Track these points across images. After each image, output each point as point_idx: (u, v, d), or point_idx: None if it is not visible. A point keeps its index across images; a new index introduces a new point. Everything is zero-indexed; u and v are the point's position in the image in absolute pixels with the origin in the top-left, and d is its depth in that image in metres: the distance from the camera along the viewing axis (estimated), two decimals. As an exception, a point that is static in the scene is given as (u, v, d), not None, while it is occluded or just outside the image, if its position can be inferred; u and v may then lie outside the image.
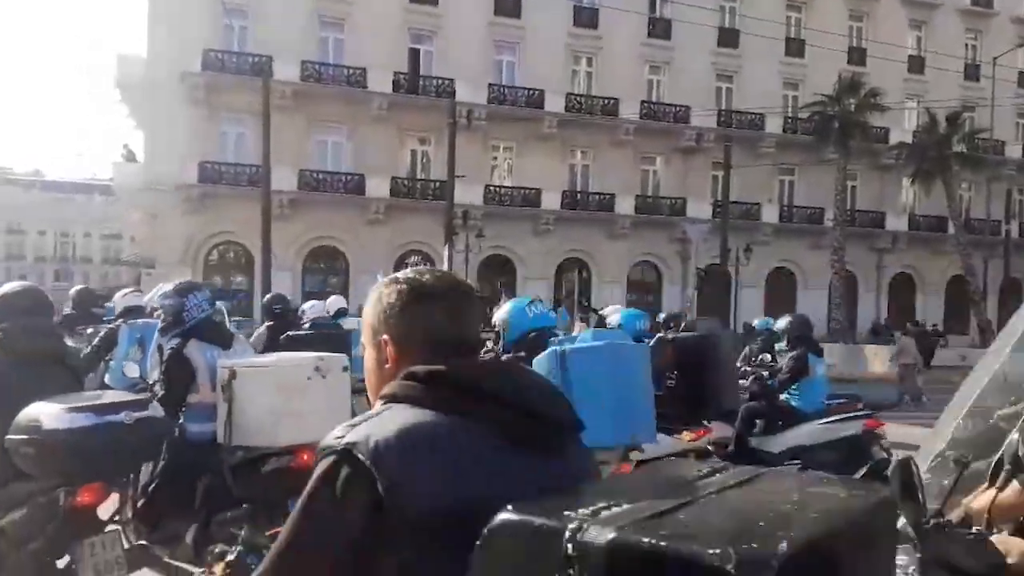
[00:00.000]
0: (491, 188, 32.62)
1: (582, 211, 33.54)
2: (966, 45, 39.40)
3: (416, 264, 32.73)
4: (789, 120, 35.96)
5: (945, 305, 37.57)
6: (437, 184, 30.26)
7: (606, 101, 33.62)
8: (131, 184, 31.12)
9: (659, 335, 7.35)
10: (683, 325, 10.94)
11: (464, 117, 28.50)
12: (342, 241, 31.46)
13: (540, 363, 3.95)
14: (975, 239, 33.91)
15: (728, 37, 35.67)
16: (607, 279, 34.10)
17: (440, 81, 31.47)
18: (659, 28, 34.91)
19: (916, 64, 38.34)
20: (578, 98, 33.63)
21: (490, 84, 32.43)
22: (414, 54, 32.24)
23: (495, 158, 33.80)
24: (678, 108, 34.53)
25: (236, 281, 31.02)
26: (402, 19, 31.89)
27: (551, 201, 33.00)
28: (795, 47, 36.59)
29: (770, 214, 35.71)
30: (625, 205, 33.86)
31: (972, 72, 38.55)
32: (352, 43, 31.30)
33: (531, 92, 32.64)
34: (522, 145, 33.30)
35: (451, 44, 32.12)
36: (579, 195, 33.98)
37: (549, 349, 4.25)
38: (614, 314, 8.08)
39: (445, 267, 25.49)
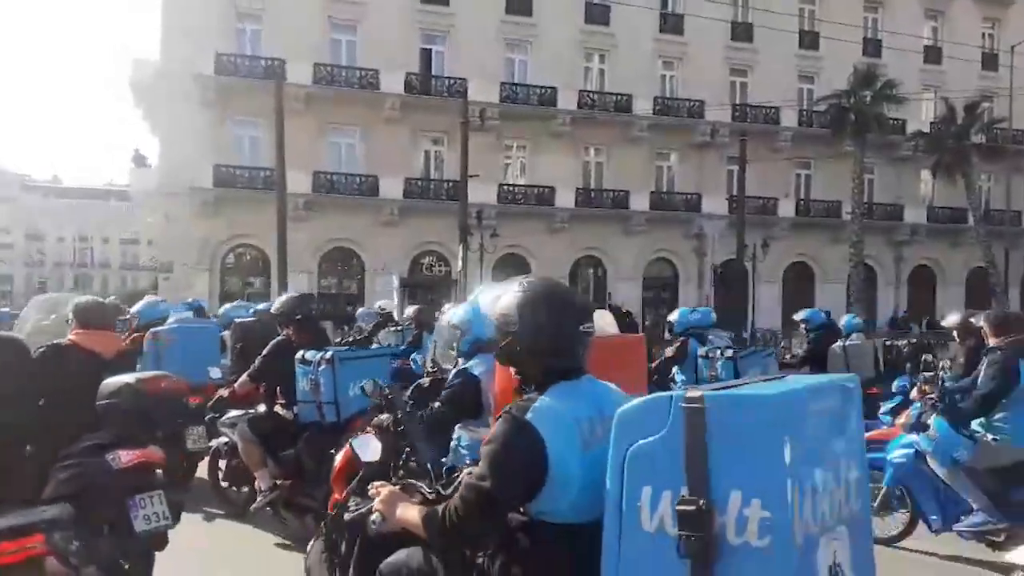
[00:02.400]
0: (505, 187, 32.57)
1: (596, 209, 33.42)
2: (983, 34, 38.95)
3: (430, 265, 33.03)
4: (804, 113, 35.67)
5: (966, 297, 37.12)
6: (451, 184, 30.25)
7: (619, 97, 33.48)
8: (147, 188, 31.37)
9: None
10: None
11: (477, 116, 28.46)
12: (357, 243, 31.52)
13: None
14: (995, 230, 33.51)
15: (741, 31, 35.43)
16: (623, 276, 33.98)
17: (452, 81, 31.46)
18: (671, 23, 34.73)
19: (933, 54, 37.94)
20: (591, 95, 33.50)
21: (502, 83, 32.38)
22: (426, 54, 32.25)
23: (508, 157, 33.74)
24: (692, 103, 34.34)
25: (253, 284, 31.14)
26: (413, 20, 31.90)
27: (565, 199, 32.91)
28: (809, 40, 36.29)
29: (786, 208, 35.45)
30: (640, 202, 33.71)
31: (989, 61, 38.10)
32: (364, 45, 31.34)
33: (544, 90, 32.55)
34: (535, 143, 33.22)
35: (463, 44, 32.09)
36: (593, 192, 33.86)
37: None
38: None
39: (459, 267, 25.51)
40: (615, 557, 2.03)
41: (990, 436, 5.42)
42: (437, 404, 4.12)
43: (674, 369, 8.55)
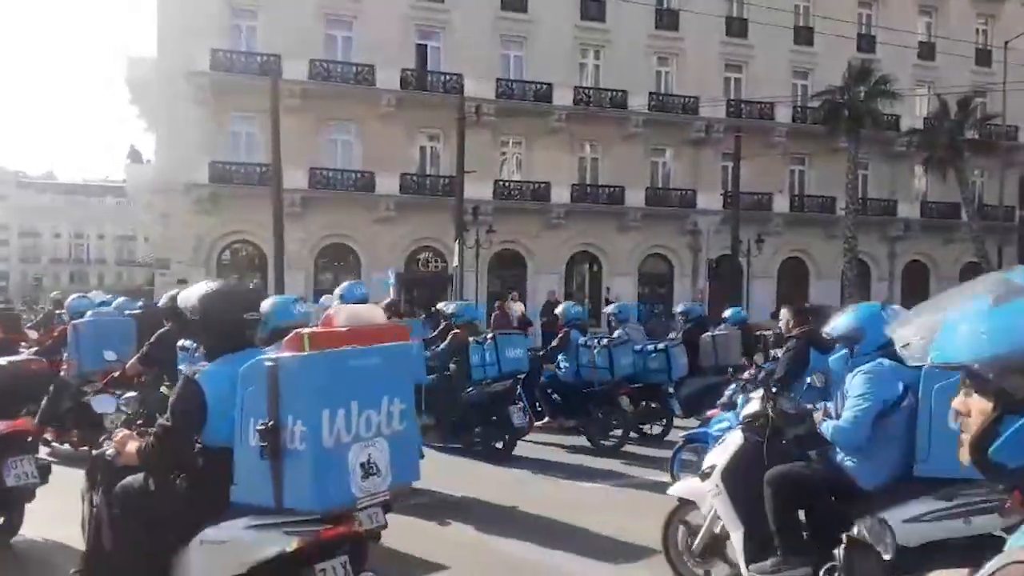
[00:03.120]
0: (501, 183, 32.64)
1: (592, 204, 33.52)
2: (977, 30, 39.09)
3: (427, 261, 33.08)
4: (799, 109, 35.79)
5: (959, 293, 37.33)
6: (447, 180, 30.32)
7: (614, 94, 33.57)
8: (143, 185, 31.37)
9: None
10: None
11: (473, 112, 28.51)
12: (353, 239, 31.58)
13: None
14: (988, 225, 33.68)
15: (736, 26, 35.52)
16: (618, 272, 34.10)
17: (448, 77, 31.51)
18: (666, 19, 34.81)
19: (926, 50, 38.08)
20: (586, 91, 33.58)
21: (498, 79, 32.43)
22: (422, 50, 32.30)
23: (504, 153, 33.82)
24: (687, 99, 34.44)
25: (250, 280, 31.18)
26: (409, 16, 31.93)
27: (561, 195, 33.01)
28: (804, 35, 36.41)
29: (781, 204, 35.59)
30: (635, 197, 33.82)
31: (983, 57, 38.24)
32: (360, 41, 31.37)
33: (539, 86, 32.63)
34: (531, 139, 33.30)
35: (458, 40, 32.14)
36: (589, 188, 33.96)
37: None
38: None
39: (456, 263, 25.60)
40: (239, 463, 3.21)
41: None
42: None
43: (559, 356, 9.90)
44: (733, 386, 6.75)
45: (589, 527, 6.31)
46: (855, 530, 3.88)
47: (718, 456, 4.77)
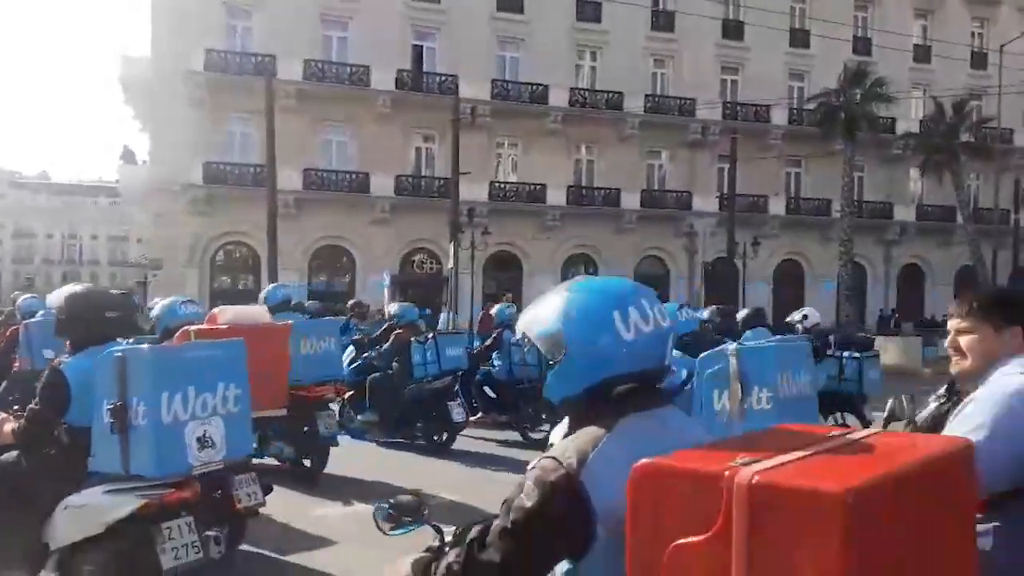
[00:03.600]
0: (496, 185, 32.55)
1: (588, 206, 33.45)
2: (972, 33, 39.15)
3: (422, 263, 32.99)
4: (795, 112, 35.79)
5: (954, 296, 37.30)
6: (442, 182, 30.22)
7: (610, 95, 33.51)
8: (136, 185, 31.19)
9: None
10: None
11: (468, 114, 28.43)
12: (348, 240, 31.45)
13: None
14: (984, 229, 33.67)
15: (732, 29, 35.51)
16: (614, 274, 33.75)
17: (444, 78, 31.42)
18: (663, 21, 34.78)
19: (922, 53, 38.12)
20: (582, 93, 33.52)
21: (494, 80, 32.35)
22: (417, 51, 32.20)
23: (500, 155, 33.73)
24: (683, 101, 34.40)
25: (243, 281, 31.05)
26: (405, 16, 31.83)
27: (556, 197, 32.93)
28: (800, 38, 36.41)
29: (777, 206, 35.57)
30: (631, 200, 33.75)
31: (979, 60, 38.31)
32: (355, 41, 31.25)
33: (535, 87, 32.55)
34: (527, 141, 33.22)
35: (454, 40, 32.05)
36: (584, 190, 33.89)
37: None
38: None
39: (451, 265, 25.48)
40: (95, 438, 3.82)
41: None
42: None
43: (493, 355, 10.52)
44: None
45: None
46: None
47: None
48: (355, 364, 9.90)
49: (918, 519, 1.30)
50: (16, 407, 4.59)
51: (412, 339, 9.52)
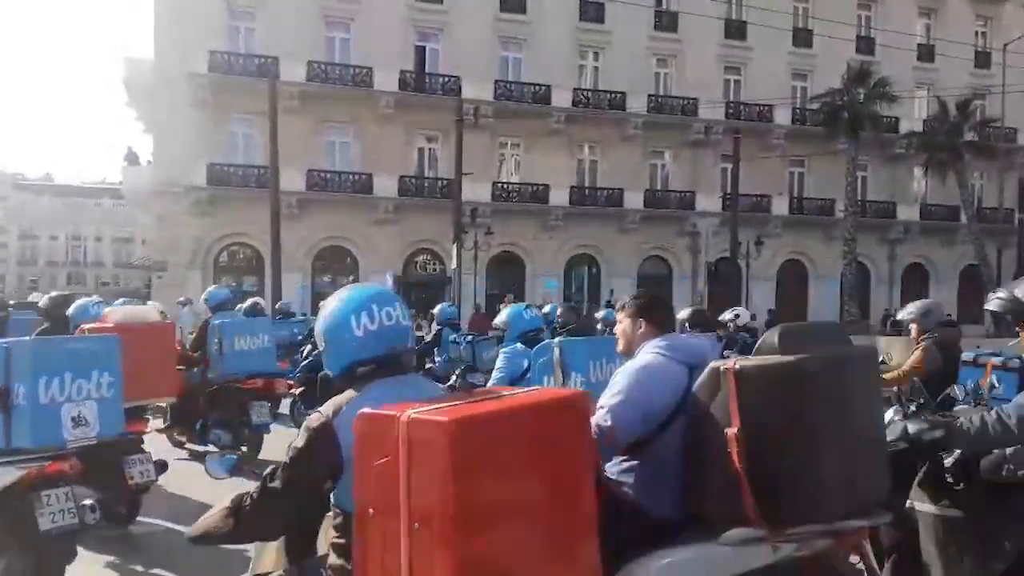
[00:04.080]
0: (499, 185, 32.56)
1: (591, 206, 33.44)
2: (976, 32, 39.05)
3: (424, 263, 33.01)
4: (798, 111, 35.73)
5: (958, 295, 37.28)
6: (445, 182, 30.24)
7: (613, 95, 33.50)
8: (140, 187, 31.25)
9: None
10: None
11: (471, 114, 28.43)
12: (351, 241, 31.48)
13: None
14: (988, 228, 33.63)
15: (735, 28, 35.47)
16: (617, 274, 34.01)
17: (447, 79, 31.43)
18: (666, 21, 34.76)
19: (926, 52, 38.04)
20: (585, 93, 33.52)
21: (496, 81, 32.36)
22: (420, 52, 32.21)
23: (503, 155, 33.73)
24: (686, 101, 34.37)
25: (247, 282, 31.07)
26: (408, 17, 31.85)
27: (559, 197, 32.93)
28: (803, 37, 36.36)
29: (780, 206, 35.52)
30: (634, 200, 33.74)
31: (982, 59, 38.21)
32: (358, 42, 31.28)
33: (538, 88, 32.55)
34: (530, 141, 33.22)
35: (457, 41, 32.06)
36: (587, 190, 33.88)
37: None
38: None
39: (454, 265, 25.50)
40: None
41: None
42: None
43: (434, 350, 10.85)
44: None
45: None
46: None
47: None
48: (308, 361, 10.66)
49: (523, 443, 1.89)
50: None
51: None
